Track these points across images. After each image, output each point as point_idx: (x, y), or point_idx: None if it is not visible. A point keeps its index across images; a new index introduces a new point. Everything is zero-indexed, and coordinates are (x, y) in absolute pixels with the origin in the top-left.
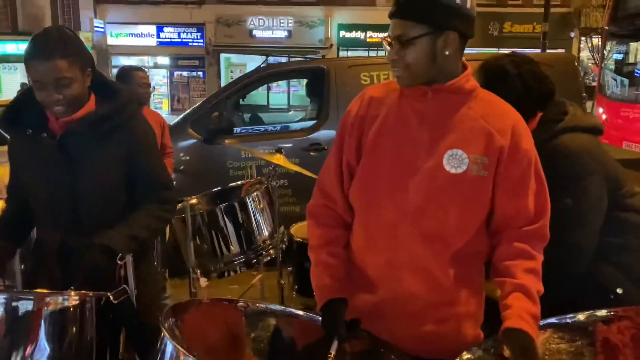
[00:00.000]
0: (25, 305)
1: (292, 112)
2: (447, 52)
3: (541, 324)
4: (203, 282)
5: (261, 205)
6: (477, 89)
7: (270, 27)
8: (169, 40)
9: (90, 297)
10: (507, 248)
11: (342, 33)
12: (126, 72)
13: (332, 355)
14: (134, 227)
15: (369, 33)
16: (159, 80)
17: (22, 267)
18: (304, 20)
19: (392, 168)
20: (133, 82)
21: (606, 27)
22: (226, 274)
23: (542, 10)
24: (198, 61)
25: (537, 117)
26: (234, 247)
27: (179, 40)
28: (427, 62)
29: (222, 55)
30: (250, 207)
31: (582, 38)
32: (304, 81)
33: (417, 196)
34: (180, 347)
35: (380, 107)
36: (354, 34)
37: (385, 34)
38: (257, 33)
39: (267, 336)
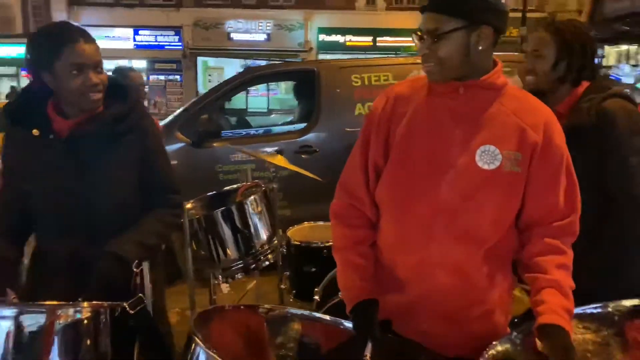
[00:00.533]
0: (36, 319)
1: (273, 115)
2: (480, 47)
3: None
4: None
5: (259, 209)
6: (507, 85)
7: (248, 31)
8: (145, 43)
9: (105, 308)
10: (538, 244)
11: (322, 36)
12: (122, 72)
13: (367, 358)
14: (144, 234)
15: (349, 37)
16: None
17: None
18: (283, 24)
19: (424, 166)
20: (129, 82)
21: None
22: (224, 280)
23: (517, 14)
24: (175, 65)
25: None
26: (232, 253)
27: (156, 43)
28: (460, 57)
29: (200, 59)
30: (248, 211)
31: None
32: (283, 84)
33: (451, 194)
34: (215, 355)
35: (408, 104)
36: (333, 38)
37: (365, 38)
38: (236, 36)
39: (292, 341)
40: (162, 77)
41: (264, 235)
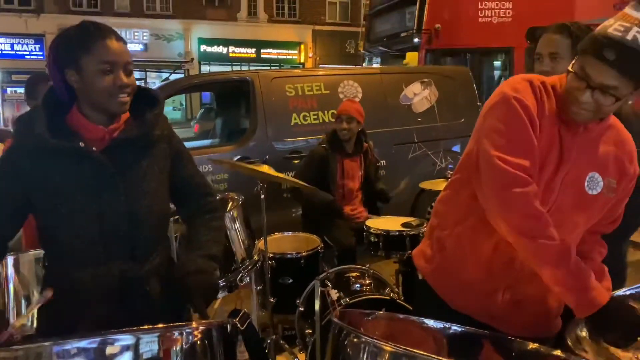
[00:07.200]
0: (149, 346)
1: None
2: (630, 102)
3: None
4: None
5: (237, 223)
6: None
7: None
8: None
9: (216, 327)
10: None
11: (203, 47)
12: (42, 80)
13: None
14: (205, 246)
15: (232, 48)
16: None
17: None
18: (161, 34)
19: (544, 179)
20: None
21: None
22: None
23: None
24: (29, 76)
25: None
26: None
27: (13, 52)
28: (614, 110)
29: None
30: (227, 226)
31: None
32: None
33: (559, 211)
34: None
35: (538, 117)
36: (215, 49)
37: (248, 50)
38: None
39: None
40: (21, 90)
41: (242, 250)
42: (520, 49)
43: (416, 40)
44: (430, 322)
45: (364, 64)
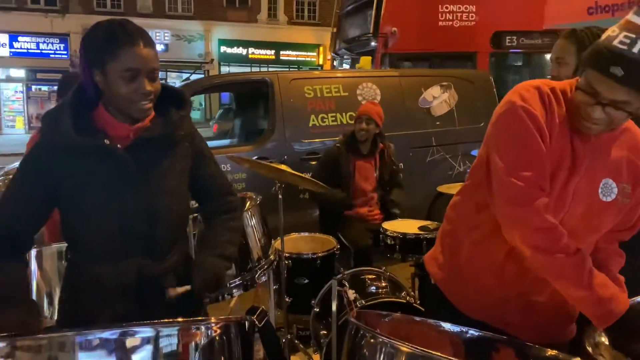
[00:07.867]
0: (168, 340)
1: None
2: None
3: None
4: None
5: (253, 222)
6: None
7: None
8: (25, 50)
9: (234, 323)
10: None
11: (223, 48)
12: (74, 80)
13: None
14: (220, 246)
15: (251, 49)
16: (9, 95)
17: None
18: (182, 34)
19: (557, 188)
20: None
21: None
22: (220, 298)
23: None
24: (61, 74)
25: None
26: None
27: (38, 51)
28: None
29: None
30: (245, 225)
31: None
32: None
33: (573, 221)
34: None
35: (547, 125)
36: (235, 50)
37: (267, 51)
38: None
39: None
40: (45, 88)
41: (259, 249)
42: (484, 54)
43: (373, 43)
44: (447, 326)
45: (334, 64)
